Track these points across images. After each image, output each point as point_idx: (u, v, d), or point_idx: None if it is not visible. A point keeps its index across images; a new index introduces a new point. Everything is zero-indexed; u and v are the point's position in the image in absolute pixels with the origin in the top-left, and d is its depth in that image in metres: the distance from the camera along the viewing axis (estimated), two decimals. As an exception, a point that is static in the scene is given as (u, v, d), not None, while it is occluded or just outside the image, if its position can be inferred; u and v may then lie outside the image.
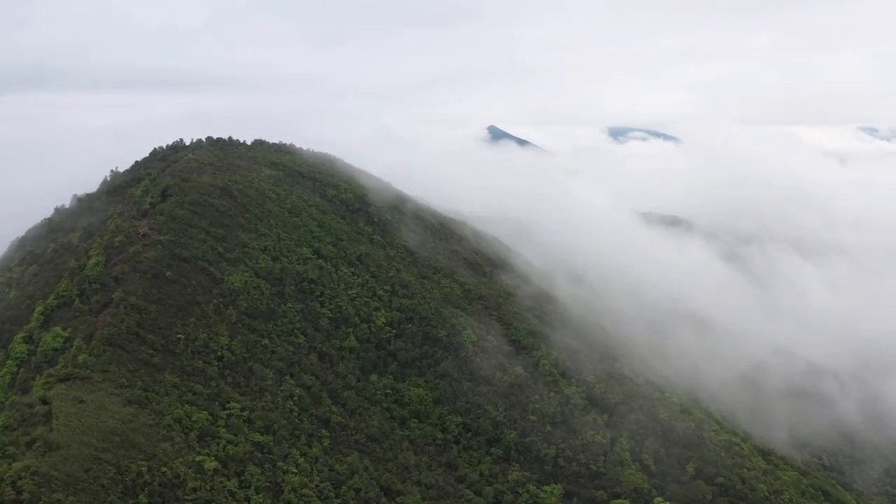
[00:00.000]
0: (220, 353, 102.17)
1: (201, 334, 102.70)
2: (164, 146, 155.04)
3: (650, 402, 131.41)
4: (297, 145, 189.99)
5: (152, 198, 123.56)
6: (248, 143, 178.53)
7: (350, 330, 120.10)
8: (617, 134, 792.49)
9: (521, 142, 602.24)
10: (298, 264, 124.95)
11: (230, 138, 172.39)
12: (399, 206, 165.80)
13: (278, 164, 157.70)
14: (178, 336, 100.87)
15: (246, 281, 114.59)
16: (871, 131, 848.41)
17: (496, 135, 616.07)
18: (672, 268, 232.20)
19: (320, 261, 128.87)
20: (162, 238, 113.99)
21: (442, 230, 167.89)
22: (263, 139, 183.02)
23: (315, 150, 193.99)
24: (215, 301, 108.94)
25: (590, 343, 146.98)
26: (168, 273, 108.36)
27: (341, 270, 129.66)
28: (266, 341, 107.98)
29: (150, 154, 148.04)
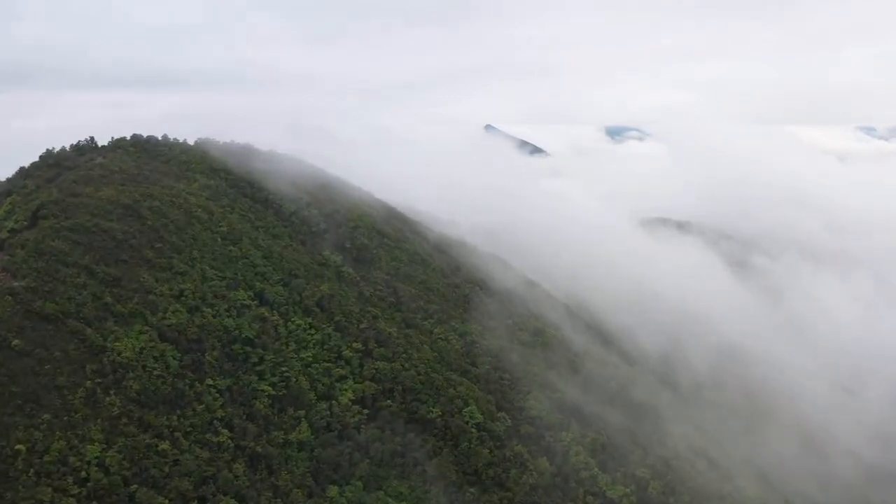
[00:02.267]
0: (84, 472, 64.94)
1: (58, 442, 65.45)
2: (67, 147, 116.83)
3: (721, 501, 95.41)
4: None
5: (17, 222, 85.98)
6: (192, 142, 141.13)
7: (301, 413, 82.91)
8: (615, 133, 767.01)
9: (519, 141, 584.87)
10: (229, 317, 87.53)
11: (165, 136, 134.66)
12: (382, 225, 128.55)
13: (221, 171, 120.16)
14: (18, 447, 63.73)
15: (142, 348, 77.18)
16: (869, 130, 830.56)
17: (493, 134, 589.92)
18: (685, 282, 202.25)
19: (263, 309, 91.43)
20: (16, 284, 76.47)
21: (436, 255, 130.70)
22: (210, 138, 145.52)
23: (279, 152, 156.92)
24: (89, 383, 71.43)
25: (630, 411, 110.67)
26: (16, 341, 70.81)
27: (293, 322, 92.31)
28: (165, 446, 70.51)
29: (41, 158, 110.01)
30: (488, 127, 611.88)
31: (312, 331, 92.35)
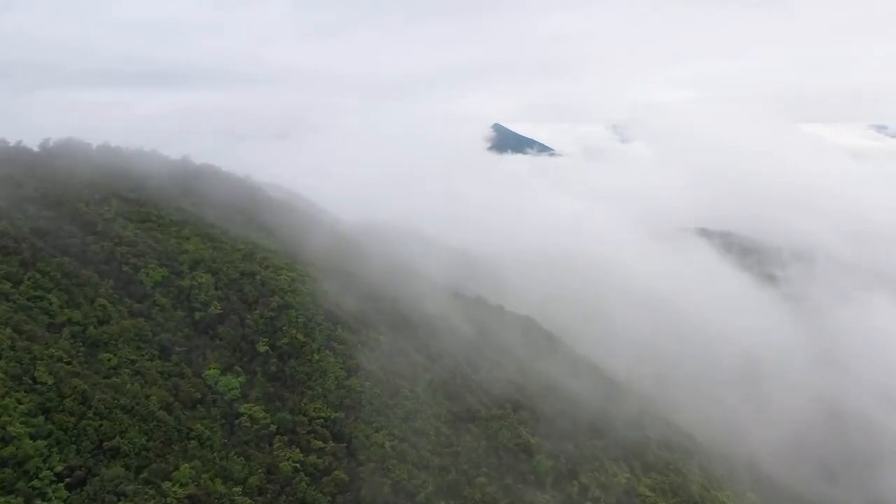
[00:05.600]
0: None
1: None
2: None
3: None
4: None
5: None
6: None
7: None
8: (624, 132, 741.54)
9: (527, 141, 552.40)
10: None
11: (19, 144, 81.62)
12: (341, 296, 72.60)
13: (58, 204, 64.88)
14: None
15: None
16: (881, 128, 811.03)
17: (501, 133, 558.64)
18: (730, 315, 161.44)
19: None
20: None
21: (433, 344, 74.83)
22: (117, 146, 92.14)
23: (216, 166, 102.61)
24: None
25: None
26: None
27: None
28: None
29: None
30: (496, 126, 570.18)
31: None
